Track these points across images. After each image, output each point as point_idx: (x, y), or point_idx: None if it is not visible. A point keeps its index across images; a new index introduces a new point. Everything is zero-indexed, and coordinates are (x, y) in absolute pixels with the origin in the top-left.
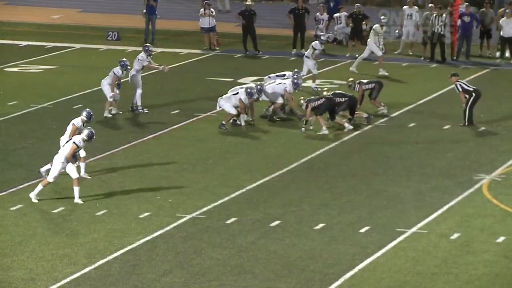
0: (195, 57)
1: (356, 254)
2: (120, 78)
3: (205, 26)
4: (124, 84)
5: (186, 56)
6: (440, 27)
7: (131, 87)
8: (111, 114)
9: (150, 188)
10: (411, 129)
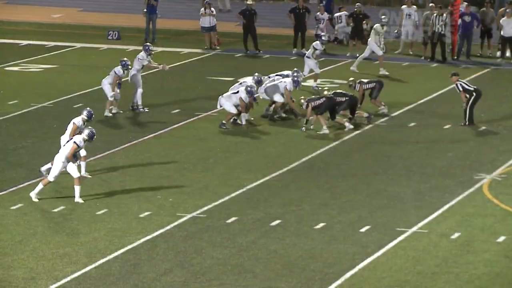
0: (196, 57)
1: (357, 254)
2: (121, 78)
3: (206, 26)
4: (125, 83)
5: (187, 56)
6: (441, 27)
7: (132, 86)
8: (112, 113)
9: (151, 187)
10: (412, 129)
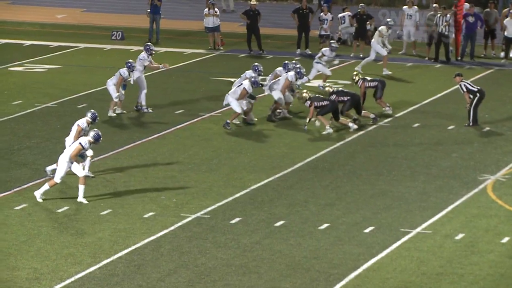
0: (200, 57)
1: (361, 254)
2: (126, 79)
3: (210, 26)
4: (129, 84)
5: (191, 56)
6: (444, 27)
7: (136, 87)
8: (116, 114)
9: (155, 188)
10: (416, 130)
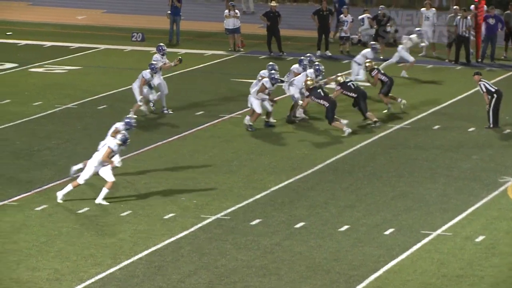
0: (220, 58)
1: (381, 256)
2: (149, 81)
3: (230, 27)
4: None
5: (211, 57)
6: (465, 30)
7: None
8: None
9: (175, 189)
10: (436, 131)
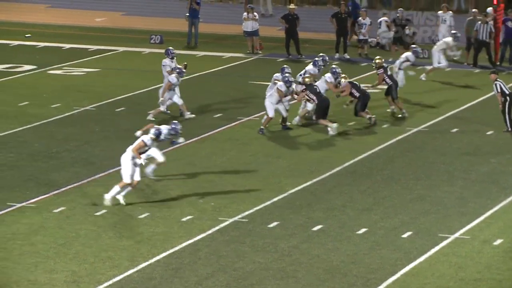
0: (238, 61)
1: (399, 259)
2: (174, 85)
3: (248, 30)
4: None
5: (229, 60)
6: (486, 34)
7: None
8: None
9: (193, 192)
10: (454, 135)
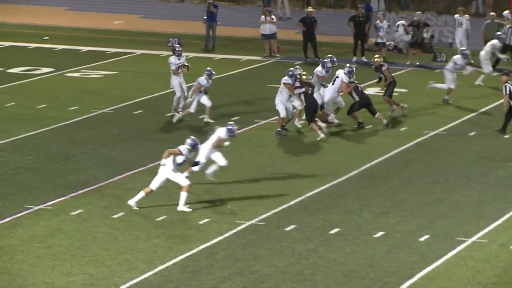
0: (256, 64)
1: (416, 263)
2: (205, 87)
3: (266, 33)
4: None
5: (247, 63)
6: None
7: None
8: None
9: (210, 195)
10: (472, 138)
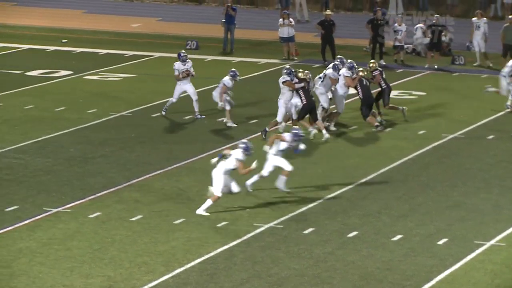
0: (274, 67)
1: (434, 266)
2: (230, 88)
3: (284, 36)
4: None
5: (265, 66)
6: None
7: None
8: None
9: (228, 197)
10: (491, 141)
